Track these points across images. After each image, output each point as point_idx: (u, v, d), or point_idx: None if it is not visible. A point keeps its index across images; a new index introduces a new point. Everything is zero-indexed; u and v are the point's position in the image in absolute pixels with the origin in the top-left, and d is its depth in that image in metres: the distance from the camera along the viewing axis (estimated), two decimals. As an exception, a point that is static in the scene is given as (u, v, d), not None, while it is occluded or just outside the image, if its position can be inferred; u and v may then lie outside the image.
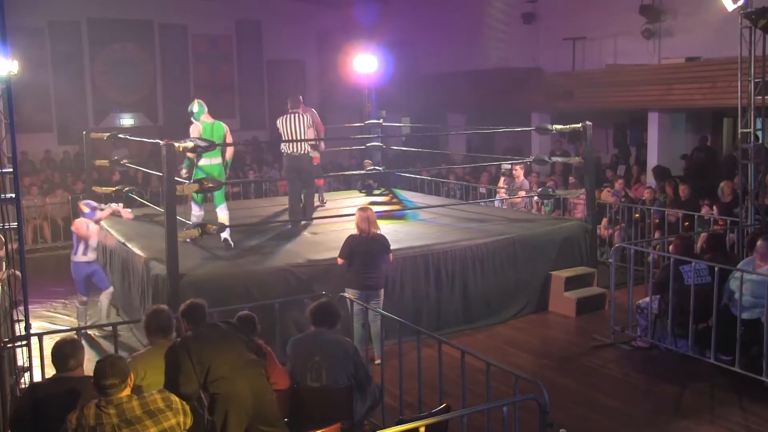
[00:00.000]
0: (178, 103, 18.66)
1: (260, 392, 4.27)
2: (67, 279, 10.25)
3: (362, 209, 7.14)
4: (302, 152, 8.98)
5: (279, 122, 9.00)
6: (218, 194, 8.26)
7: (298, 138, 8.83)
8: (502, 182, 12.02)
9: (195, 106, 8.31)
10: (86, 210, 8.20)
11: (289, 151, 8.96)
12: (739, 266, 6.79)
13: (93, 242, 8.10)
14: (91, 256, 8.12)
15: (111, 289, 8.31)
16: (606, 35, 14.53)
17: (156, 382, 4.09)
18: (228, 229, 8.08)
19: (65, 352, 4.09)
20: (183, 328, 4.70)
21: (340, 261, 7.02)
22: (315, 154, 9.84)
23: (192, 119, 8.30)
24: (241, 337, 4.40)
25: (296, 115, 8.92)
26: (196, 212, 8.38)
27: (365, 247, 6.90)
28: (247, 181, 14.62)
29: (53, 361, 4.13)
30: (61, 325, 8.43)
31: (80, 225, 8.06)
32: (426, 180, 13.44)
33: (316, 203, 10.32)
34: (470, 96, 16.37)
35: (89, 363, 4.31)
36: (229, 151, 8.44)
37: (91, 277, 8.19)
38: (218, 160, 8.18)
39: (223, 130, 8.31)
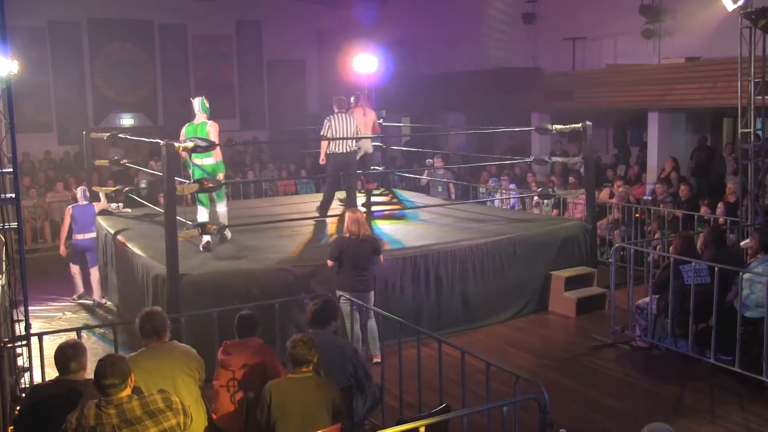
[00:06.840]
0: (178, 103, 18.74)
1: None
2: (67, 279, 10.25)
3: (352, 211, 7.08)
4: (347, 150, 9.28)
5: (326, 122, 9.24)
6: (218, 192, 8.33)
7: (346, 137, 9.16)
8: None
9: (195, 103, 8.23)
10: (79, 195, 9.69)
11: (336, 150, 9.23)
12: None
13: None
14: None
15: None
16: (606, 35, 14.51)
17: (144, 385, 3.93)
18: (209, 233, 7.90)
19: (67, 355, 4.03)
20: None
21: (329, 263, 6.95)
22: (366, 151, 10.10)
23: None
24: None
25: (343, 114, 9.26)
26: (203, 215, 8.19)
27: (354, 249, 6.84)
28: (247, 181, 14.61)
29: (56, 364, 4.08)
30: (61, 326, 8.41)
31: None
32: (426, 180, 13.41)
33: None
34: (470, 96, 16.34)
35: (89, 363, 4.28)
36: (216, 151, 8.06)
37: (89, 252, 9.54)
38: (210, 160, 8.01)
39: (204, 131, 7.95)
